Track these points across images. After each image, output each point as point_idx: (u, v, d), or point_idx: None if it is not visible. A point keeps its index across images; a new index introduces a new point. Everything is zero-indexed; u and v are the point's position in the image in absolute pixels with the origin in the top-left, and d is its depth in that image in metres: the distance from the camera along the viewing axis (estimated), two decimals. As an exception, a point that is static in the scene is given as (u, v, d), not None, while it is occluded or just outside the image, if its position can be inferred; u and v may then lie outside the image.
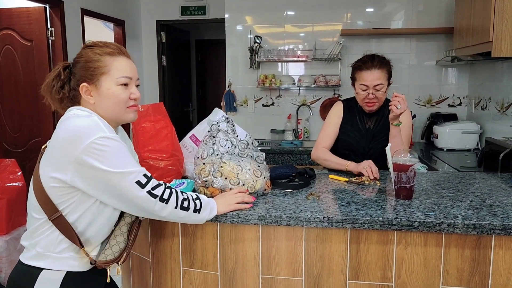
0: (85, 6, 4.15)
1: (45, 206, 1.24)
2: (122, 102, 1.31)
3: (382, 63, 2.07)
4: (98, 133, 1.19)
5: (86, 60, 1.29)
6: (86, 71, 1.29)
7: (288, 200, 1.57)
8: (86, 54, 1.30)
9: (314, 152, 2.23)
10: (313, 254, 1.44)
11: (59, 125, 1.27)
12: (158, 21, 5.30)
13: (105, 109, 1.31)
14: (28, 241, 1.30)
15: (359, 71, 2.08)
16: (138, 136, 1.76)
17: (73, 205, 1.24)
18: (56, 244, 1.26)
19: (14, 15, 3.82)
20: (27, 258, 1.29)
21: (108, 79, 1.29)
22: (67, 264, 1.28)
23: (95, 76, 1.28)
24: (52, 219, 1.24)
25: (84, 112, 1.28)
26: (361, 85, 2.07)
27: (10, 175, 2.91)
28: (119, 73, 1.30)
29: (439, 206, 1.49)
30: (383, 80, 2.05)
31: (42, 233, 1.27)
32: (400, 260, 1.40)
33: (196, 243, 1.52)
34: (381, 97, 2.07)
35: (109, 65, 1.29)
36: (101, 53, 1.29)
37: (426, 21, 3.97)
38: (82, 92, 1.30)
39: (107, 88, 1.29)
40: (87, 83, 1.29)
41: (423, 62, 4.06)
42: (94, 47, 1.31)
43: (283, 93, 4.33)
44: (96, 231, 1.30)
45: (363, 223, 1.38)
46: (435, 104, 4.08)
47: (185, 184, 1.68)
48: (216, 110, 1.94)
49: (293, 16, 4.21)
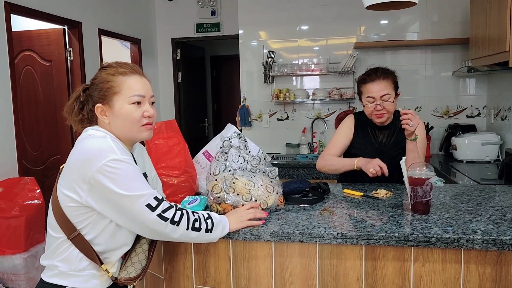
0: (102, 26, 4.25)
1: (63, 225, 1.26)
2: (135, 121, 1.32)
3: (386, 73, 2.07)
4: (110, 155, 1.21)
5: (99, 81, 1.33)
6: (99, 92, 1.32)
7: (301, 216, 1.55)
8: (100, 75, 1.34)
9: (319, 161, 2.20)
10: (327, 271, 1.41)
11: (76, 145, 1.31)
12: (174, 38, 5.39)
13: (119, 128, 1.32)
14: (49, 261, 1.31)
15: (364, 84, 2.08)
16: (151, 153, 1.77)
17: (91, 224, 1.26)
18: (77, 263, 1.28)
19: (34, 36, 3.94)
20: (50, 276, 1.30)
21: (120, 98, 1.31)
22: (89, 282, 1.29)
23: (107, 97, 1.31)
24: (70, 238, 1.26)
25: (99, 133, 1.31)
26: (367, 98, 2.06)
27: (29, 193, 2.96)
28: (130, 92, 1.31)
29: (457, 221, 1.45)
30: (389, 90, 2.04)
31: (62, 252, 1.28)
32: (417, 278, 1.36)
33: (209, 260, 1.51)
34: (390, 108, 2.04)
35: (121, 85, 1.31)
36: (113, 73, 1.32)
37: (441, 32, 3.93)
38: (97, 113, 1.32)
39: (120, 108, 1.31)
40: (101, 103, 1.32)
41: (439, 73, 4.01)
42: (108, 68, 1.34)
43: (298, 107, 4.32)
44: (116, 249, 1.32)
45: (378, 239, 1.34)
46: (453, 115, 4.01)
47: (198, 201, 1.68)
48: (229, 126, 1.94)
49: (306, 30, 4.23)
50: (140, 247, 1.36)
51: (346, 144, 2.20)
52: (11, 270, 2.82)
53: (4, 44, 3.04)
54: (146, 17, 5.16)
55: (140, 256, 1.35)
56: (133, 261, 1.34)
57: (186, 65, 5.65)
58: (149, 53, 5.24)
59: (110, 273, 1.31)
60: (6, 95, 3.07)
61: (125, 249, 1.35)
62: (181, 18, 5.28)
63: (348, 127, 2.22)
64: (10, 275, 2.83)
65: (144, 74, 1.39)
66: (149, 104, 1.37)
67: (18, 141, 3.18)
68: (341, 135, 2.22)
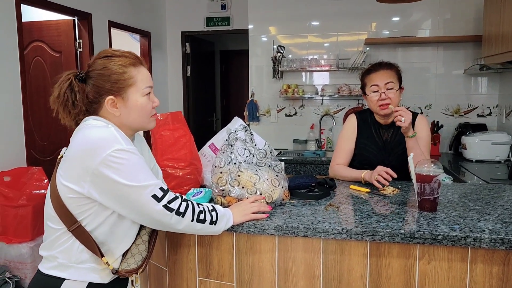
0: (112, 18, 4.25)
1: (63, 217, 1.22)
2: (148, 112, 1.32)
3: (390, 65, 2.09)
4: (115, 145, 1.18)
5: (112, 72, 1.26)
6: (113, 84, 1.26)
7: (306, 211, 1.54)
8: (109, 66, 1.26)
9: (330, 171, 2.20)
10: (331, 267, 1.40)
11: (75, 134, 1.26)
12: (183, 32, 5.38)
13: (131, 120, 1.30)
14: (48, 251, 1.28)
15: (368, 75, 2.10)
16: (157, 145, 1.76)
17: (92, 215, 1.23)
18: (77, 254, 1.24)
19: (44, 27, 3.95)
20: (48, 268, 1.27)
21: (135, 91, 1.28)
22: (88, 275, 1.26)
23: (122, 89, 1.27)
24: (71, 229, 1.22)
25: (100, 122, 1.26)
26: (372, 87, 2.05)
27: (36, 183, 2.97)
28: (144, 84, 1.30)
29: (465, 219, 1.42)
30: (393, 79, 2.04)
31: (62, 243, 1.25)
32: (423, 275, 1.34)
33: (212, 253, 1.50)
34: (394, 98, 2.02)
35: (135, 77, 1.28)
36: (125, 65, 1.27)
37: (454, 29, 3.88)
38: (107, 105, 1.27)
39: (136, 100, 1.29)
40: (113, 95, 1.27)
41: (451, 71, 3.96)
42: (114, 58, 1.28)
43: (306, 102, 4.29)
44: (117, 241, 1.28)
45: (383, 236, 1.32)
46: (464, 114, 3.96)
47: (202, 193, 1.67)
48: (236, 119, 1.93)
49: (317, 26, 4.19)
50: (140, 238, 1.33)
51: (352, 147, 2.17)
52: (17, 258, 2.84)
53: (14, 34, 3.05)
54: (156, 10, 5.15)
55: (140, 247, 1.32)
56: (133, 253, 1.31)
57: (195, 59, 5.65)
58: (159, 47, 5.24)
59: (111, 266, 1.27)
60: (15, 85, 3.08)
61: (128, 241, 1.31)
62: (191, 11, 5.27)
63: (350, 129, 2.19)
64: (17, 263, 2.85)
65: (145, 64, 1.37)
66: None
67: (26, 132, 3.20)
68: (345, 138, 2.19)
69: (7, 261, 2.85)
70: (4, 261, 2.86)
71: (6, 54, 2.99)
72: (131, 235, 1.32)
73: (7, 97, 3.01)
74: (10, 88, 3.04)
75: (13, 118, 3.08)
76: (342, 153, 2.18)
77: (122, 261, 1.31)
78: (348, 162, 2.18)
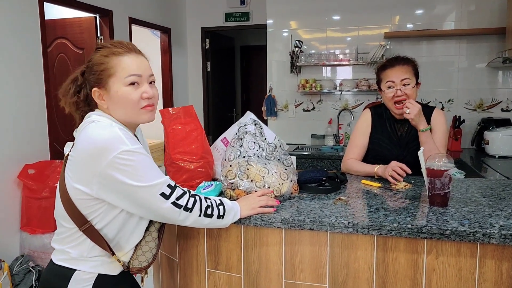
0: (133, 15, 4.33)
1: (74, 217, 1.23)
2: (133, 103, 1.26)
3: (406, 60, 2.03)
4: (120, 147, 1.16)
5: (93, 63, 1.26)
6: (93, 75, 1.26)
7: (314, 205, 1.54)
8: (93, 57, 1.27)
9: (342, 165, 2.17)
10: (338, 261, 1.40)
11: (80, 133, 1.25)
12: (203, 28, 5.42)
13: (118, 112, 1.28)
14: (60, 245, 1.30)
15: (384, 70, 2.05)
16: (168, 138, 1.80)
17: (101, 215, 1.24)
18: (89, 250, 1.26)
19: (67, 25, 4.06)
20: (60, 260, 1.29)
21: (116, 80, 1.24)
22: (99, 267, 1.28)
23: (103, 80, 1.25)
24: (82, 229, 1.23)
25: (103, 119, 1.27)
26: (387, 83, 2.01)
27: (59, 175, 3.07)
28: (126, 72, 1.24)
29: (476, 215, 1.40)
30: (410, 75, 1.99)
31: (74, 241, 1.27)
32: (430, 270, 1.33)
33: (221, 245, 1.52)
34: (410, 94, 1.98)
35: (115, 66, 1.24)
36: (107, 54, 1.25)
37: (478, 22, 3.78)
38: (95, 97, 1.28)
39: (116, 91, 1.24)
40: (97, 87, 1.26)
41: (474, 65, 3.86)
42: (102, 49, 1.27)
43: (324, 97, 4.27)
44: (127, 237, 1.30)
45: (390, 230, 1.32)
46: (487, 108, 3.86)
47: (213, 186, 1.69)
48: (247, 113, 1.94)
49: (336, 20, 4.15)
50: (149, 235, 1.34)
51: (366, 142, 2.15)
52: (41, 248, 2.95)
53: (37, 31, 3.15)
54: (176, 6, 5.21)
55: (150, 244, 1.33)
56: (144, 250, 1.32)
57: (215, 55, 5.68)
58: (179, 43, 5.30)
59: (121, 262, 1.29)
60: (39, 81, 3.19)
61: (138, 236, 1.32)
62: (211, 7, 5.30)
63: (364, 124, 2.17)
64: (40, 253, 2.96)
65: (141, 52, 1.31)
66: (148, 84, 1.30)
67: (50, 126, 3.30)
68: (359, 133, 2.17)
69: (31, 251, 2.96)
70: (28, 251, 2.97)
71: (30, 51, 3.09)
72: (140, 229, 1.33)
73: (31, 93, 3.11)
74: (34, 84, 3.14)
75: (37, 113, 3.18)
76: (355, 148, 2.16)
77: (133, 258, 1.32)
78: (362, 157, 2.16)
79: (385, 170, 1.87)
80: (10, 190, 2.96)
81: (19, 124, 3.01)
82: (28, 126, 3.10)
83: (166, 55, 5.09)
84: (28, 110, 3.10)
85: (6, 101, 2.91)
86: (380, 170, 1.92)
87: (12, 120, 2.96)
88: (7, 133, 2.92)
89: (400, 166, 1.83)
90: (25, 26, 3.04)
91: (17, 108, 2.99)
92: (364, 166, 2.05)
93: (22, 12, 3.01)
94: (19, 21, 2.99)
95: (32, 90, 3.12)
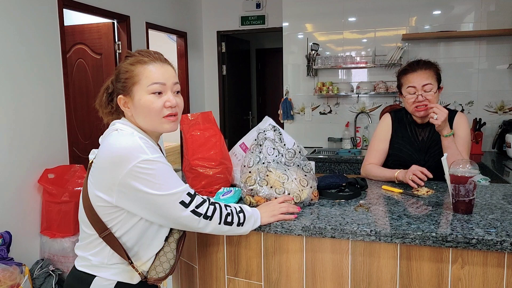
0: (150, 20, 4.36)
1: (95, 223, 1.24)
2: (155, 112, 1.26)
3: (428, 64, 1.98)
4: (140, 156, 1.16)
5: (119, 71, 1.30)
6: (119, 82, 1.29)
7: (335, 211, 1.52)
8: (121, 65, 1.31)
9: (362, 170, 2.15)
10: (360, 269, 1.38)
11: (103, 141, 1.27)
12: (219, 31, 5.44)
13: (140, 120, 1.29)
14: (82, 252, 1.31)
15: (405, 75, 2.00)
16: (187, 144, 1.80)
17: (121, 223, 1.24)
18: (109, 258, 1.27)
19: (86, 30, 4.11)
20: (82, 266, 1.31)
21: (139, 88, 1.26)
22: (119, 275, 1.29)
23: (127, 87, 1.27)
24: (102, 236, 1.24)
25: (125, 127, 1.28)
26: (408, 88, 1.97)
27: (78, 180, 3.11)
28: (149, 81, 1.25)
29: (502, 223, 1.36)
30: (432, 80, 1.94)
31: (95, 247, 1.28)
32: (456, 280, 1.30)
33: (241, 252, 1.52)
34: (432, 99, 1.94)
35: (139, 74, 1.26)
36: (133, 63, 1.27)
37: (498, 22, 3.71)
38: (120, 105, 1.30)
39: (139, 98, 1.26)
40: (123, 95, 1.29)
41: (495, 66, 3.78)
42: (129, 58, 1.30)
43: (341, 100, 4.23)
44: (146, 246, 1.30)
45: (414, 239, 1.29)
46: (508, 111, 3.77)
47: (232, 192, 1.68)
48: (266, 119, 1.93)
49: (353, 22, 4.12)
50: (168, 246, 1.33)
51: (386, 148, 2.12)
52: (60, 252, 2.98)
53: (57, 37, 3.19)
54: (192, 10, 5.24)
55: (168, 255, 1.32)
56: (162, 261, 1.32)
57: (231, 58, 5.70)
58: (195, 46, 5.33)
59: (139, 271, 1.29)
60: (58, 86, 3.23)
61: (157, 245, 1.31)
62: (226, 11, 5.32)
63: (385, 129, 2.13)
64: (60, 257, 2.99)
65: (167, 61, 1.32)
66: (173, 93, 1.30)
67: (69, 131, 3.34)
68: (379, 138, 2.14)
69: (51, 255, 3.00)
70: (48, 255, 3.01)
71: (50, 57, 3.14)
72: (159, 239, 1.32)
73: (51, 98, 3.16)
74: (54, 89, 3.19)
75: (57, 118, 3.23)
76: (375, 153, 2.13)
77: (151, 268, 1.31)
78: (382, 162, 2.13)
79: (406, 174, 1.84)
80: (31, 194, 3.01)
81: (39, 129, 3.06)
82: (48, 131, 3.14)
83: (182, 59, 5.12)
84: (48, 115, 3.14)
85: (26, 106, 2.95)
86: (400, 174, 1.89)
87: (32, 125, 3.01)
88: (27, 138, 2.97)
89: (421, 170, 1.80)
90: (45, 32, 3.09)
91: (37, 113, 3.04)
92: (384, 171, 2.02)
93: (42, 18, 3.06)
94: (39, 27, 3.04)
95: (51, 95, 3.17)
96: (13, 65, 2.84)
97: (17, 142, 2.89)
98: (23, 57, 2.91)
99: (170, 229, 1.35)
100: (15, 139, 2.88)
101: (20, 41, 2.89)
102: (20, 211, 2.93)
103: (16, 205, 2.89)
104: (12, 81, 2.83)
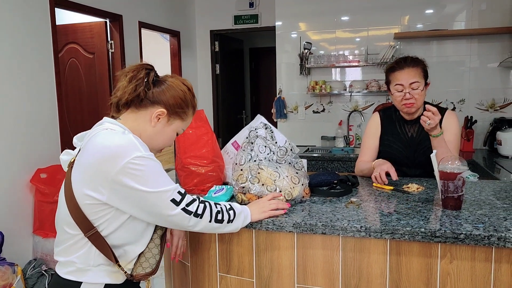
0: (142, 19, 4.36)
1: (80, 222, 1.21)
2: (166, 144, 1.39)
3: (416, 61, 2.00)
4: (134, 153, 1.17)
5: (180, 95, 1.35)
6: (176, 104, 1.34)
7: (326, 208, 1.53)
8: (186, 92, 1.37)
9: (355, 169, 2.20)
10: (350, 265, 1.39)
11: (91, 139, 1.23)
12: (212, 30, 5.44)
13: (153, 138, 1.34)
14: (65, 257, 1.27)
15: (392, 72, 2.02)
16: (179, 143, 1.80)
17: (108, 221, 1.23)
18: (94, 259, 1.25)
19: (78, 30, 4.10)
20: (66, 272, 1.26)
21: (179, 124, 1.37)
22: (105, 278, 1.27)
23: (176, 114, 1.35)
24: (88, 235, 1.22)
25: (116, 127, 1.27)
26: (396, 86, 1.99)
27: (70, 180, 3.09)
28: (185, 126, 1.41)
29: (490, 218, 1.38)
30: (419, 78, 1.96)
31: (80, 248, 1.24)
32: (445, 275, 1.31)
33: (233, 249, 1.52)
34: (419, 98, 1.96)
35: (189, 115, 1.39)
36: (194, 104, 1.40)
37: (489, 21, 3.74)
38: (153, 115, 1.31)
39: (172, 130, 1.36)
40: (168, 113, 1.33)
41: (486, 64, 3.82)
42: (190, 91, 1.40)
43: (334, 99, 4.25)
44: (132, 244, 1.29)
45: (403, 234, 1.30)
46: (499, 108, 3.81)
47: (224, 190, 1.69)
48: (258, 117, 1.94)
49: (346, 21, 4.14)
50: (152, 242, 1.33)
51: (377, 145, 2.16)
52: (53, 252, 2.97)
53: (49, 36, 3.18)
54: (185, 9, 5.23)
55: (153, 251, 1.32)
56: (147, 257, 1.31)
57: (224, 57, 5.70)
58: (188, 45, 5.32)
59: (124, 270, 1.27)
60: (51, 86, 3.22)
61: (143, 244, 1.31)
62: (220, 10, 5.31)
63: (373, 127, 2.17)
64: (53, 257, 2.98)
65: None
66: None
67: (61, 130, 3.33)
68: (369, 136, 2.18)
69: (44, 255, 2.99)
70: (41, 255, 3.00)
71: (42, 56, 3.13)
72: (146, 237, 1.32)
73: (43, 97, 3.15)
74: (46, 89, 3.18)
75: (49, 117, 3.22)
76: (366, 150, 2.17)
77: (136, 265, 1.31)
78: (374, 159, 2.15)
79: (377, 167, 1.89)
80: (23, 194, 3.00)
81: (31, 129, 3.05)
82: (40, 130, 3.13)
83: (175, 58, 5.11)
84: (40, 114, 3.13)
85: (18, 105, 2.94)
86: (377, 163, 1.95)
87: (24, 124, 2.99)
88: (19, 137, 2.95)
89: (387, 172, 1.84)
90: (36, 31, 3.08)
91: (29, 112, 3.03)
92: (366, 164, 2.06)
93: (33, 17, 3.05)
94: (30, 26, 3.02)
95: (43, 95, 3.15)
96: (5, 64, 2.83)
97: (8, 141, 2.88)
98: (15, 56, 2.90)
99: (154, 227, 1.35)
100: (7, 139, 2.86)
101: (12, 40, 2.87)
102: (13, 211, 2.91)
103: (8, 205, 2.88)
104: (3, 80, 2.82)
